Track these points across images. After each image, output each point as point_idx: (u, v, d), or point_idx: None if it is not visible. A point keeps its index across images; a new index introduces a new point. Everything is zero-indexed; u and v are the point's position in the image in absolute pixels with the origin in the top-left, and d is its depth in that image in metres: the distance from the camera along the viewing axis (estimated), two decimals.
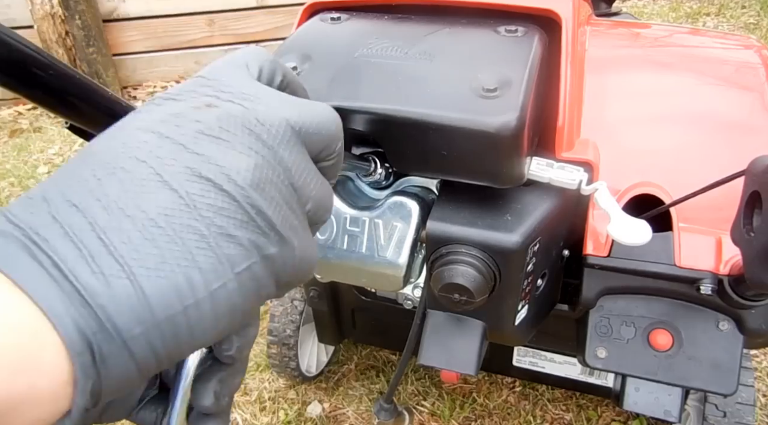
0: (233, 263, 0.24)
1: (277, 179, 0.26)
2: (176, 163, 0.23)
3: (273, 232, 0.25)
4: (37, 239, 0.20)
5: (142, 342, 0.21)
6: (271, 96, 0.28)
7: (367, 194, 0.65)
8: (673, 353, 0.68)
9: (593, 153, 0.67)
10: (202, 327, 0.23)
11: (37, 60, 0.26)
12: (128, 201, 0.22)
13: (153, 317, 0.21)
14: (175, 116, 0.25)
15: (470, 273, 0.57)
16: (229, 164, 0.24)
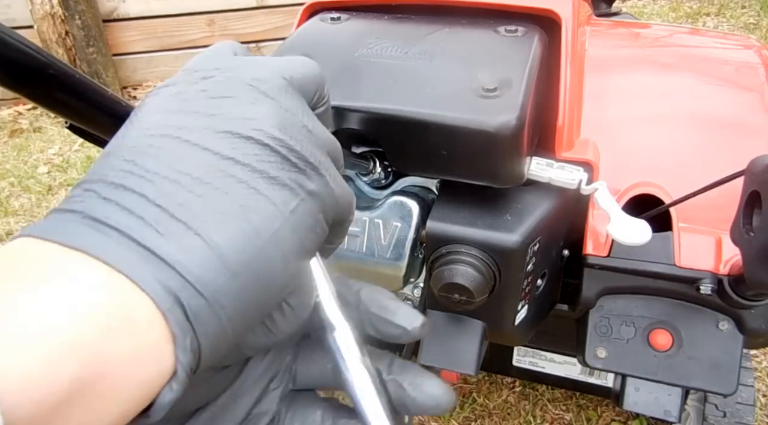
0: (285, 202, 0.24)
1: (293, 121, 0.26)
2: (198, 127, 0.24)
3: (308, 167, 0.26)
4: (98, 217, 0.21)
5: (225, 292, 0.22)
6: (254, 60, 0.29)
7: (366, 194, 0.65)
8: (673, 353, 0.68)
9: (593, 153, 0.67)
10: (275, 270, 0.23)
11: (36, 59, 0.26)
12: (168, 170, 0.22)
13: (229, 267, 0.22)
14: (178, 94, 0.26)
15: (470, 273, 0.57)
16: (246, 114, 0.25)
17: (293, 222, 0.24)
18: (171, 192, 0.22)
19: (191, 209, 0.22)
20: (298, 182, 0.25)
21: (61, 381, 0.17)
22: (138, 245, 0.21)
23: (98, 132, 0.32)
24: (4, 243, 1.90)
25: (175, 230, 0.21)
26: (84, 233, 0.20)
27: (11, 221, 2.02)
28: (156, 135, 0.24)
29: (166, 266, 0.21)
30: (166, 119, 0.25)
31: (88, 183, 0.23)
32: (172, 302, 0.20)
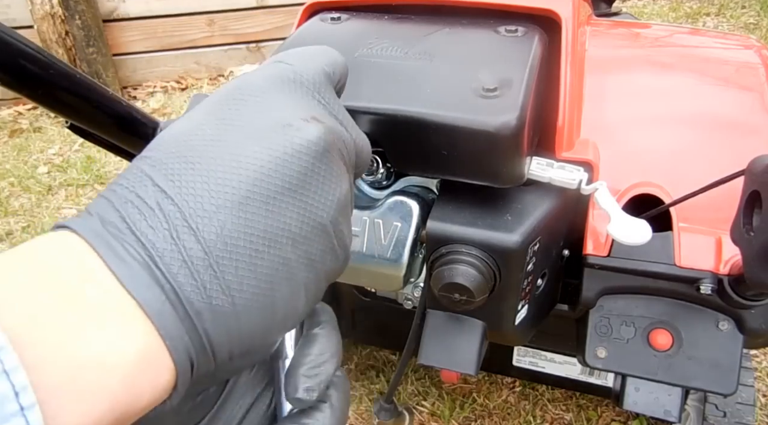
0: (307, 288, 0.27)
1: (348, 198, 0.30)
2: (278, 182, 0.26)
3: (341, 249, 0.29)
4: (161, 264, 0.23)
5: (225, 354, 0.24)
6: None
7: (367, 194, 0.65)
8: (673, 353, 0.68)
9: (593, 153, 0.67)
10: (271, 339, 0.27)
11: (37, 59, 0.26)
12: (239, 229, 0.24)
13: (239, 337, 0.24)
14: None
15: (470, 273, 0.57)
16: (327, 192, 0.28)
17: (306, 305, 0.27)
18: (230, 258, 0.24)
19: (238, 282, 0.24)
20: (327, 270, 0.28)
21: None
22: (181, 306, 0.23)
23: (98, 132, 0.32)
24: (3, 243, 1.89)
25: (215, 300, 0.23)
26: (142, 279, 0.22)
27: (11, 221, 2.02)
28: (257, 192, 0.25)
29: (195, 333, 0.23)
30: (247, 155, 0.26)
31: (169, 196, 0.24)
32: (188, 366, 0.23)
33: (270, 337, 0.26)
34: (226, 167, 0.25)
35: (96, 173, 2.23)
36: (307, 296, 0.27)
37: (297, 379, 0.29)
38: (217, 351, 0.24)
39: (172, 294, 0.23)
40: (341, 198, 0.28)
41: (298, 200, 0.26)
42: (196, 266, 0.23)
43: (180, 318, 0.23)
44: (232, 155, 0.25)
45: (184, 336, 0.23)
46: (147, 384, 0.22)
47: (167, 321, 0.22)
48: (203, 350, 0.23)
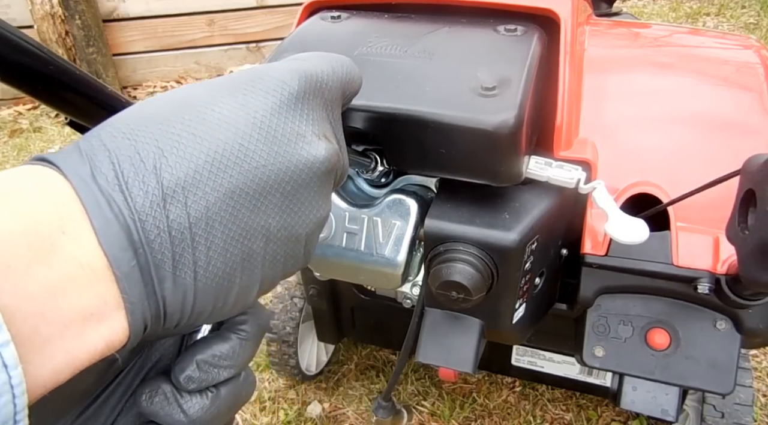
0: (261, 285, 0.28)
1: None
2: (278, 188, 0.26)
3: (305, 260, 0.30)
4: (140, 229, 0.23)
5: (173, 322, 0.25)
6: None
7: (366, 192, 0.65)
8: (671, 352, 0.68)
9: (591, 152, 0.67)
10: (209, 319, 0.27)
11: (38, 56, 0.27)
12: (225, 215, 0.25)
13: (189, 311, 0.25)
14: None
15: (468, 271, 0.57)
16: (310, 210, 0.29)
17: (260, 291, 0.28)
18: (207, 236, 0.24)
19: (208, 262, 0.25)
20: (285, 272, 0.29)
21: (57, 383, 0.22)
22: (149, 274, 0.23)
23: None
24: None
25: (182, 271, 0.24)
26: (119, 241, 0.23)
27: None
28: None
29: (154, 298, 0.24)
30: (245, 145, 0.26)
31: (152, 152, 0.24)
32: (140, 328, 0.24)
33: (214, 317, 0.27)
34: (231, 153, 0.25)
35: None
36: (259, 291, 0.28)
37: (188, 363, 0.29)
38: (168, 317, 0.25)
39: (143, 258, 0.23)
40: (322, 217, 0.30)
41: (286, 208, 0.27)
42: (173, 237, 0.23)
43: (144, 283, 0.23)
44: (240, 145, 0.25)
45: (144, 300, 0.23)
46: (101, 341, 0.22)
47: (132, 285, 0.23)
48: (157, 315, 0.24)
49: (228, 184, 0.25)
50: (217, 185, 0.24)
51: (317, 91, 0.29)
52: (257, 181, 0.26)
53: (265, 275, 0.28)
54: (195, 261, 0.24)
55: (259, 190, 0.26)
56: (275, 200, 0.26)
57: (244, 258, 0.26)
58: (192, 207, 0.24)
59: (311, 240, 0.30)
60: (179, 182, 0.24)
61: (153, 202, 0.23)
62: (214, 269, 0.25)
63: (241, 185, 0.25)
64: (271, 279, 0.28)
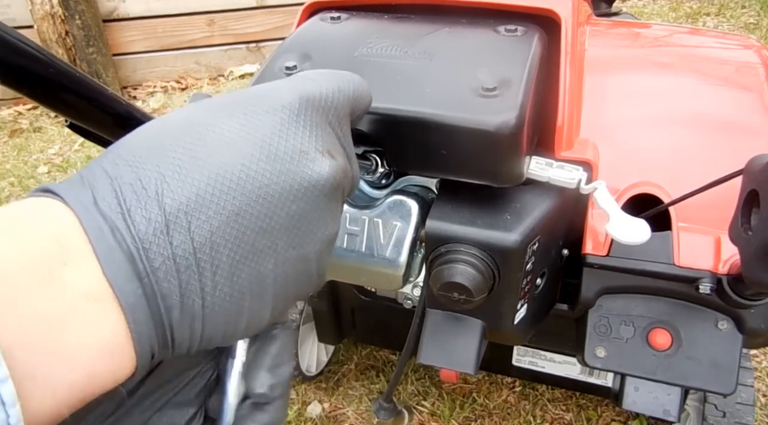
0: (273, 308, 0.27)
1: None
2: (282, 209, 0.26)
3: (318, 280, 0.30)
4: (144, 257, 0.22)
5: (184, 348, 0.25)
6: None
7: (366, 193, 0.65)
8: (672, 352, 0.68)
9: (592, 152, 0.67)
10: (221, 345, 0.27)
11: (37, 58, 0.26)
12: (229, 238, 0.24)
13: (198, 339, 0.25)
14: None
15: (469, 272, 0.57)
16: (318, 229, 0.28)
17: (271, 319, 0.28)
18: (213, 261, 0.24)
19: (214, 288, 0.24)
20: (298, 294, 0.28)
21: (60, 418, 0.21)
22: (156, 304, 0.23)
23: (98, 130, 0.32)
24: None
25: (189, 299, 0.23)
26: (123, 270, 0.22)
27: None
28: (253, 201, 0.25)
29: (162, 328, 0.23)
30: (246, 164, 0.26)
31: (153, 179, 0.23)
32: (148, 359, 0.24)
33: (228, 341, 0.26)
34: (233, 175, 0.24)
35: None
36: (273, 313, 0.27)
37: (260, 376, 0.29)
38: (176, 345, 0.24)
39: (148, 288, 0.22)
40: (331, 235, 0.29)
41: (292, 227, 0.26)
42: (178, 265, 0.23)
43: (151, 312, 0.23)
44: (242, 166, 0.25)
45: (151, 329, 0.23)
46: (108, 373, 0.22)
47: (139, 315, 0.22)
48: (164, 343, 0.24)
49: (231, 206, 0.24)
50: (220, 208, 0.24)
51: (320, 109, 0.29)
52: (261, 201, 0.25)
53: (277, 298, 0.27)
54: (202, 287, 0.24)
55: (263, 210, 0.25)
56: (281, 220, 0.26)
57: (252, 281, 0.25)
58: (196, 232, 0.23)
59: (322, 258, 0.29)
60: (181, 206, 0.23)
61: (156, 229, 0.23)
62: (222, 295, 0.24)
63: (244, 207, 0.24)
64: (283, 301, 0.28)
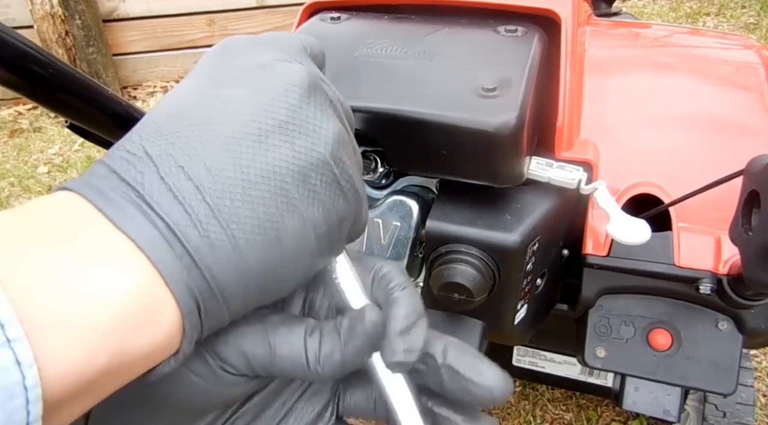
0: (315, 225, 0.26)
1: (349, 143, 0.29)
2: (268, 120, 0.25)
3: (351, 193, 0.28)
4: (152, 202, 0.22)
5: (238, 296, 0.24)
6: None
7: (366, 194, 0.65)
8: (672, 352, 0.68)
9: (593, 153, 0.67)
10: (285, 279, 0.26)
11: (37, 59, 0.26)
12: (229, 163, 0.24)
13: (248, 275, 0.24)
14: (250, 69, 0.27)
15: (469, 272, 0.57)
16: (319, 125, 0.27)
17: (316, 244, 0.26)
18: (224, 189, 0.23)
19: (235, 214, 0.23)
20: (336, 209, 0.27)
21: (93, 370, 0.20)
22: (178, 243, 0.22)
23: (98, 131, 0.32)
24: None
25: (213, 234, 0.23)
26: (135, 218, 0.22)
27: None
28: (227, 115, 0.25)
29: (196, 268, 0.23)
30: (239, 97, 0.26)
31: (153, 142, 0.24)
32: (192, 306, 0.23)
33: (284, 274, 0.25)
34: (209, 110, 0.25)
35: None
36: (317, 234, 0.26)
37: (392, 342, 0.28)
38: (225, 291, 0.23)
39: (166, 230, 0.22)
40: (337, 133, 0.27)
41: (289, 132, 0.26)
42: (188, 202, 0.23)
43: (177, 255, 0.22)
44: (216, 99, 0.25)
45: (183, 272, 0.22)
46: (145, 319, 0.21)
47: (163, 256, 0.22)
48: (209, 289, 0.23)
49: (217, 135, 0.24)
50: (206, 140, 0.24)
51: (271, 41, 0.30)
52: (245, 121, 0.25)
53: (314, 214, 0.26)
54: (224, 218, 0.23)
55: (251, 129, 0.25)
56: (274, 132, 0.25)
57: (275, 200, 0.24)
58: (192, 168, 0.23)
59: (342, 164, 0.27)
60: (171, 153, 0.23)
61: (153, 178, 0.23)
62: (248, 220, 0.24)
63: (231, 132, 0.24)
64: (325, 220, 0.26)
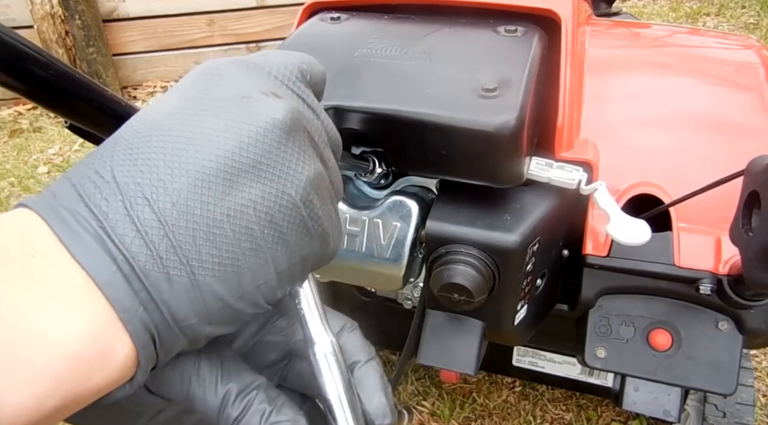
0: (277, 263, 0.26)
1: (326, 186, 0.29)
2: (242, 159, 0.25)
3: (318, 234, 0.28)
4: (113, 234, 0.22)
5: (195, 327, 0.24)
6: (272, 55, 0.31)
7: (366, 194, 0.65)
8: (673, 353, 0.68)
9: (593, 153, 0.67)
10: (244, 311, 0.26)
11: (36, 59, 0.26)
12: (196, 200, 0.23)
13: (206, 309, 0.24)
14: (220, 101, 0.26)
15: (469, 273, 0.57)
16: (293, 168, 0.26)
17: (276, 281, 0.26)
18: (187, 227, 0.23)
19: (196, 251, 0.23)
20: (300, 248, 0.27)
21: (45, 411, 0.20)
22: (135, 278, 0.22)
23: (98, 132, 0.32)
24: None
25: (173, 271, 0.23)
26: (94, 252, 0.22)
27: None
28: (198, 147, 0.24)
29: (152, 302, 0.22)
30: (211, 126, 0.25)
31: (122, 167, 0.23)
32: (147, 340, 0.23)
33: (242, 307, 0.25)
34: (183, 139, 0.24)
35: None
36: (278, 271, 0.26)
37: (375, 399, 0.29)
38: (183, 324, 0.23)
39: (125, 265, 0.22)
40: (311, 177, 0.27)
41: (261, 174, 0.25)
42: (150, 237, 0.22)
43: (134, 290, 0.22)
44: (191, 129, 0.24)
45: (138, 307, 0.22)
46: (98, 359, 0.21)
47: (119, 293, 0.22)
48: (165, 323, 0.23)
49: (187, 167, 0.24)
50: (177, 172, 0.23)
51: (259, 66, 0.29)
52: (217, 155, 0.24)
53: (276, 253, 0.26)
54: (185, 255, 0.23)
55: (223, 165, 0.24)
56: (246, 170, 0.25)
57: (238, 239, 0.24)
58: (159, 200, 0.23)
59: (313, 207, 0.27)
60: (139, 182, 0.23)
61: (117, 208, 0.22)
62: (210, 258, 0.23)
63: (202, 165, 0.24)
64: (287, 258, 0.26)
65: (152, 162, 0.23)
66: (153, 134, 0.24)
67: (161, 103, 0.26)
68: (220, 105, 0.26)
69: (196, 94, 0.26)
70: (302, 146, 0.27)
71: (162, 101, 0.26)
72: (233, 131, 0.25)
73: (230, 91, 0.26)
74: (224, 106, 0.26)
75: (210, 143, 0.24)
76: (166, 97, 0.27)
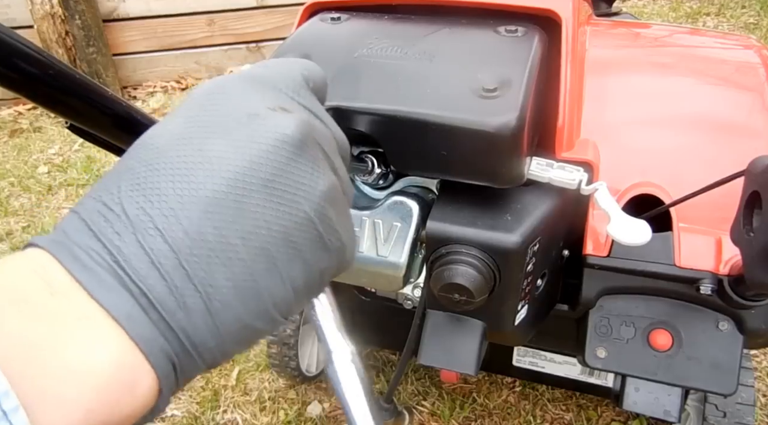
0: (294, 279, 0.26)
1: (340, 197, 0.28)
2: (252, 179, 0.24)
3: (335, 247, 0.27)
4: (128, 268, 0.22)
5: (214, 351, 0.24)
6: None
7: (367, 194, 0.65)
8: (673, 353, 0.68)
9: (593, 153, 0.67)
10: (262, 330, 0.26)
11: (37, 60, 0.26)
12: (209, 226, 0.23)
13: (224, 332, 0.24)
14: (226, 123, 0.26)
15: (470, 273, 0.57)
16: (306, 183, 0.26)
17: (293, 297, 0.26)
18: (201, 254, 0.23)
19: (211, 277, 0.23)
20: (318, 263, 0.27)
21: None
22: (153, 309, 0.22)
23: (98, 132, 0.32)
24: (4, 243, 1.89)
25: (189, 299, 0.23)
26: (110, 288, 0.22)
27: (11, 221, 2.02)
28: (211, 172, 0.24)
29: (171, 331, 0.23)
30: (222, 153, 0.25)
31: (131, 199, 0.23)
32: (169, 369, 0.23)
33: (262, 324, 0.25)
34: (192, 164, 0.24)
35: (96, 173, 2.23)
36: (295, 286, 0.26)
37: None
38: (201, 349, 0.23)
39: (141, 297, 0.22)
40: (324, 190, 0.27)
41: (275, 192, 0.25)
42: (164, 267, 0.22)
43: (153, 321, 0.22)
44: (199, 152, 0.24)
45: (158, 338, 0.22)
46: (124, 390, 0.21)
47: (138, 325, 0.22)
48: (184, 350, 0.23)
49: (197, 193, 0.23)
50: (187, 199, 0.23)
51: (264, 79, 0.29)
52: (227, 177, 0.24)
53: (292, 270, 0.26)
54: (200, 282, 0.23)
55: (233, 186, 0.24)
56: (257, 190, 0.24)
57: (254, 259, 0.24)
58: (170, 230, 0.23)
59: (328, 220, 0.27)
60: (149, 212, 0.23)
61: (130, 241, 0.22)
62: (225, 282, 0.23)
63: (212, 189, 0.24)
64: (304, 275, 0.26)
65: (161, 191, 0.23)
66: (160, 161, 0.24)
67: (166, 126, 0.26)
68: (228, 125, 0.25)
69: (202, 116, 0.26)
70: (314, 159, 0.27)
71: (167, 124, 0.26)
72: (243, 151, 0.25)
73: (237, 110, 0.26)
74: (232, 126, 0.25)
75: (220, 166, 0.24)
76: (170, 119, 0.26)
